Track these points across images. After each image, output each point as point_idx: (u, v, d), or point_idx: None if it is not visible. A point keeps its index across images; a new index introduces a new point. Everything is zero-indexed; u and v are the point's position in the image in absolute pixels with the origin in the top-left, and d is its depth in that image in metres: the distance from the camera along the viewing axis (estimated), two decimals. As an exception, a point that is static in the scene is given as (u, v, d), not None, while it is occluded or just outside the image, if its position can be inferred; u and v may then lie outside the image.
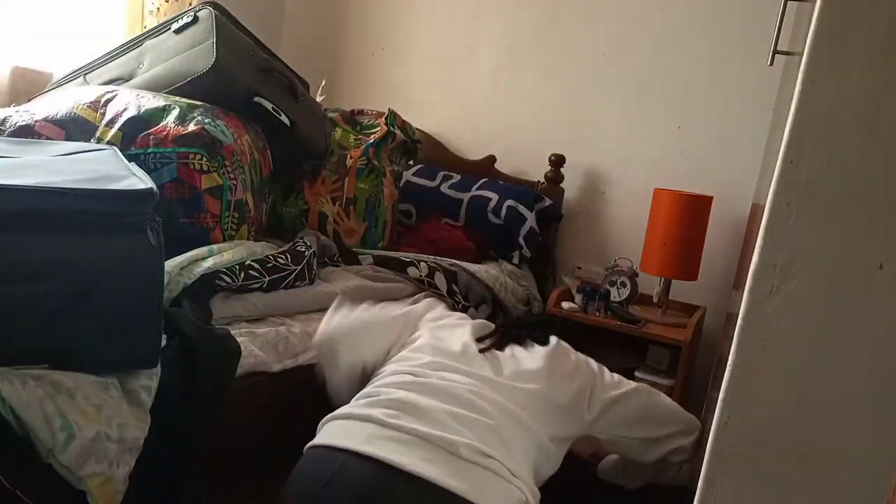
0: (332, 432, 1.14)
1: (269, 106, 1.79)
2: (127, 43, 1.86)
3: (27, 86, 1.93)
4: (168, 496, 1.13)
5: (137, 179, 1.07)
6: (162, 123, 1.54)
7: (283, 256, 1.56)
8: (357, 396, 1.23)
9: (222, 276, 1.39)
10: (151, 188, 1.04)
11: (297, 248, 1.64)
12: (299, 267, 1.57)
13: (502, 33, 2.55)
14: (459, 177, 2.43)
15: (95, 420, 0.95)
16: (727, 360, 0.89)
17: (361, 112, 2.38)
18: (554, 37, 2.46)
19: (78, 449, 0.91)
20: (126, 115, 1.55)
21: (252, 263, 1.47)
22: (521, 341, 1.41)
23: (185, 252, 1.40)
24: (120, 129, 1.53)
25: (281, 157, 1.86)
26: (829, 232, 0.80)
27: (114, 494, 0.97)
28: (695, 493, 0.93)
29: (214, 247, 1.48)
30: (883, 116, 0.77)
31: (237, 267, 1.43)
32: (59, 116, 1.57)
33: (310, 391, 1.38)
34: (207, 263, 1.38)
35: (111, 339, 1.02)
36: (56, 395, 0.93)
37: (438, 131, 2.68)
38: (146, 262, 1.03)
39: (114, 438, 0.96)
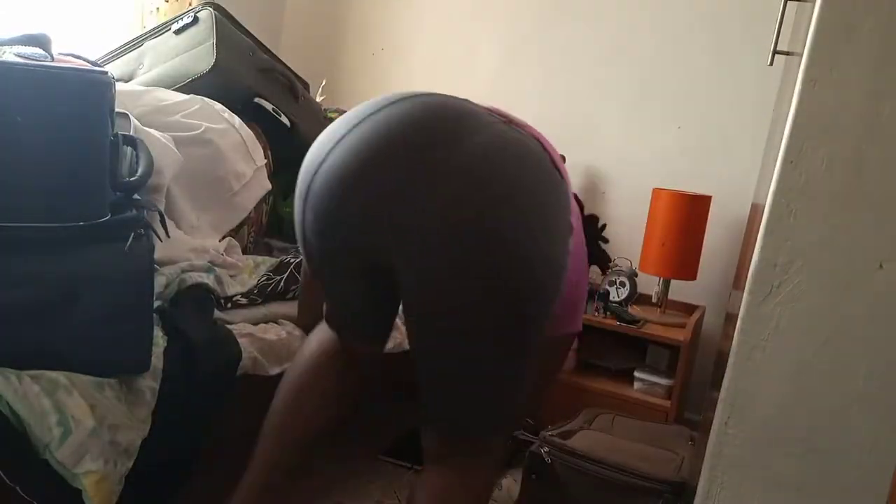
0: None
1: (269, 107, 1.79)
2: (127, 43, 1.86)
3: (27, 86, 1.93)
4: (165, 497, 1.13)
5: None
6: (162, 124, 1.54)
7: (266, 276, 1.51)
8: None
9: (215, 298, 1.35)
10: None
11: (283, 261, 1.58)
12: (285, 275, 1.52)
13: (502, 33, 2.55)
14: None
15: (91, 417, 0.94)
16: (727, 360, 0.89)
17: (361, 112, 2.38)
18: (554, 37, 2.46)
19: (74, 445, 0.91)
20: (126, 116, 1.55)
21: (240, 299, 1.42)
22: None
23: (186, 252, 1.39)
24: (120, 129, 1.53)
25: (281, 157, 1.86)
26: (829, 232, 0.80)
27: (109, 494, 0.96)
28: (695, 492, 0.93)
29: (215, 270, 1.42)
30: (882, 116, 0.77)
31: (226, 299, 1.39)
32: (59, 117, 1.57)
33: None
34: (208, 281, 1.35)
35: (99, 345, 1.00)
36: (53, 391, 0.92)
37: (438, 131, 2.67)
38: (134, 270, 1.02)
39: (105, 439, 0.96)
